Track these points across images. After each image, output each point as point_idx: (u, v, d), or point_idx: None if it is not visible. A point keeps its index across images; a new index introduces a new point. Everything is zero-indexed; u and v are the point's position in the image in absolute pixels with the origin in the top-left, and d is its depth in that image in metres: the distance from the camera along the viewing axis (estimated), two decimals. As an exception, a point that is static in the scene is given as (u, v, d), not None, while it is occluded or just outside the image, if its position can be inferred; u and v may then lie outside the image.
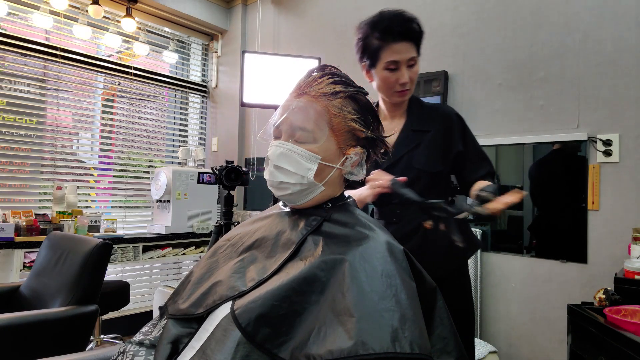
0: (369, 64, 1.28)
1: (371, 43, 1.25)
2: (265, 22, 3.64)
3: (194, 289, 0.81)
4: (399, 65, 1.22)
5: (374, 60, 1.25)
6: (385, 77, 1.25)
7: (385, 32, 1.21)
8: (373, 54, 1.24)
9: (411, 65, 1.24)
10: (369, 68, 1.29)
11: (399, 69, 1.23)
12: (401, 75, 1.23)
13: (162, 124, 3.73)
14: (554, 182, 2.21)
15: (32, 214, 2.61)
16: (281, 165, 0.80)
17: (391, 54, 1.21)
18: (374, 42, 1.24)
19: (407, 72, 1.23)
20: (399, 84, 1.24)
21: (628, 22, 1.98)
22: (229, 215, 2.34)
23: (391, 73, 1.23)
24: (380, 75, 1.26)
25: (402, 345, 0.61)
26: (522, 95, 2.24)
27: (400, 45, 1.21)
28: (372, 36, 1.24)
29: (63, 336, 1.58)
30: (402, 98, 1.29)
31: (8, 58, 2.77)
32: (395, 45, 1.21)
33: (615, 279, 1.46)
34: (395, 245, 0.75)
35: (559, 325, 2.02)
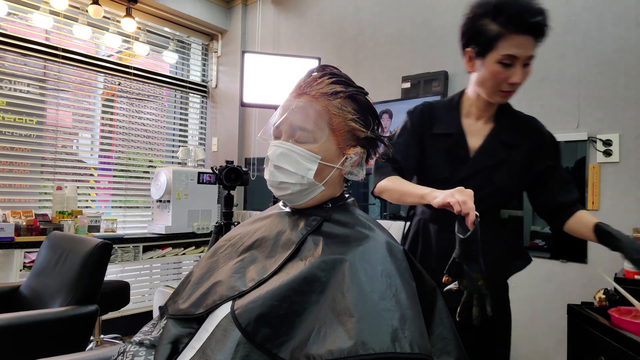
0: (477, 52, 1.09)
1: (488, 28, 1.05)
2: (265, 22, 3.64)
3: (194, 289, 0.81)
4: (515, 61, 1.05)
5: (487, 49, 1.06)
6: (496, 72, 1.07)
7: (512, 20, 1.01)
8: (487, 42, 1.05)
9: (527, 65, 1.07)
10: (475, 56, 1.10)
11: (514, 65, 1.05)
12: (514, 74, 1.06)
13: (162, 124, 3.73)
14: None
15: (32, 214, 2.61)
16: (281, 165, 0.80)
17: (511, 46, 1.03)
18: (492, 27, 1.04)
19: (521, 72, 1.06)
20: (508, 82, 1.07)
21: (628, 22, 1.98)
22: (229, 215, 2.34)
23: (504, 68, 1.06)
24: (489, 69, 1.07)
25: (402, 345, 0.61)
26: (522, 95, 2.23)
27: (525, 39, 1.03)
28: (492, 20, 1.04)
29: (63, 336, 1.58)
30: (505, 99, 1.13)
31: (8, 58, 2.77)
32: (519, 37, 1.02)
33: (615, 279, 1.46)
34: (395, 245, 0.75)
35: (559, 325, 2.02)
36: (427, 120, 1.22)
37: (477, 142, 1.17)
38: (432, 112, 1.23)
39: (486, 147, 1.16)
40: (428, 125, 1.21)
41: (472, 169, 1.15)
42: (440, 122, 1.21)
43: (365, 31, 2.96)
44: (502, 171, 1.15)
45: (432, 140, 1.20)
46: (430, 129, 1.21)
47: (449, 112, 1.21)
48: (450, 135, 1.18)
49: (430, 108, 1.24)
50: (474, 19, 1.08)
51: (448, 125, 1.19)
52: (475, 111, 1.19)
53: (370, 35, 2.94)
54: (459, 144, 1.18)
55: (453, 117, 1.20)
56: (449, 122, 1.20)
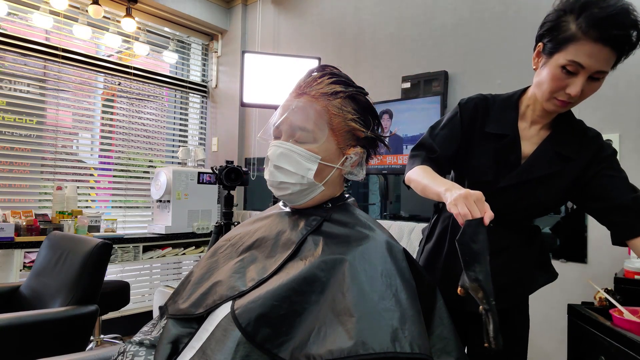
0: (547, 48, 0.95)
1: (566, 25, 0.91)
2: (265, 22, 3.64)
3: (194, 289, 0.81)
4: (580, 70, 0.90)
5: (557, 47, 0.92)
6: (555, 76, 0.93)
7: (592, 25, 0.86)
8: (560, 40, 0.91)
9: (596, 79, 0.93)
10: (543, 52, 0.97)
11: (577, 74, 0.91)
12: (574, 84, 0.92)
13: (162, 124, 3.73)
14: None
15: (32, 214, 2.61)
16: (281, 165, 0.80)
17: (580, 53, 0.88)
18: (570, 26, 0.90)
19: (584, 84, 0.92)
20: (565, 92, 0.94)
21: (628, 22, 1.98)
22: (229, 215, 2.34)
23: (565, 75, 0.92)
24: (550, 71, 0.94)
25: (402, 345, 0.61)
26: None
27: (600, 50, 0.87)
28: (574, 17, 0.90)
29: (63, 336, 1.58)
30: (559, 109, 0.99)
31: (8, 58, 2.77)
32: (594, 46, 0.87)
33: (615, 279, 1.46)
34: (394, 245, 0.75)
35: (559, 325, 2.01)
36: (480, 116, 1.10)
37: (530, 149, 1.05)
38: (487, 108, 1.10)
39: (539, 157, 1.04)
40: (481, 122, 1.09)
41: (519, 177, 1.04)
42: (494, 120, 1.08)
43: (365, 31, 2.96)
44: (550, 186, 1.04)
45: (482, 139, 1.09)
46: (483, 127, 1.09)
47: (506, 111, 1.09)
48: (504, 137, 1.06)
49: (486, 103, 1.11)
50: (560, 12, 0.93)
51: (503, 126, 1.07)
52: (531, 114, 1.06)
53: (370, 35, 2.94)
54: (512, 148, 1.05)
55: (509, 117, 1.07)
56: (504, 122, 1.07)
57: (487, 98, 1.12)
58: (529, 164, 1.04)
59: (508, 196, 1.05)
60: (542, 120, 1.06)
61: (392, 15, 2.82)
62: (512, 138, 1.06)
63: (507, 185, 1.04)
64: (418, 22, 2.70)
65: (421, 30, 2.68)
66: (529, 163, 1.04)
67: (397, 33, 2.79)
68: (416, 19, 2.70)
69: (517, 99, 1.10)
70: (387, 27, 2.84)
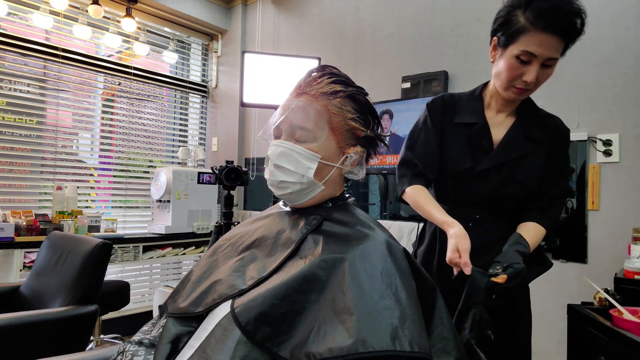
0: (501, 41, 1.05)
1: (516, 19, 1.00)
2: (265, 22, 3.64)
3: (194, 287, 0.81)
4: (533, 59, 0.99)
5: (510, 40, 1.01)
6: (510, 66, 1.02)
7: (539, 16, 0.95)
8: (512, 34, 1.00)
9: (547, 66, 1.01)
10: (498, 45, 1.06)
11: (531, 63, 1.00)
12: (529, 72, 1.00)
13: (162, 124, 3.73)
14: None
15: (32, 214, 2.61)
16: (281, 165, 0.80)
17: (531, 43, 0.97)
18: (519, 19, 0.99)
19: (538, 72, 1.00)
20: (521, 79, 1.03)
21: (628, 22, 1.98)
22: (229, 215, 2.34)
23: (520, 64, 1.01)
24: (506, 61, 1.03)
25: (401, 344, 0.61)
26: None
27: (548, 38, 0.96)
28: (521, 11, 0.99)
29: (63, 336, 1.58)
30: (518, 97, 1.08)
31: (8, 58, 2.77)
32: (542, 35, 0.96)
33: (615, 279, 1.46)
34: (394, 245, 0.75)
35: (559, 325, 2.01)
36: (448, 110, 1.18)
37: (500, 135, 1.13)
38: (453, 101, 1.19)
39: (509, 140, 1.12)
40: (450, 115, 1.18)
41: (495, 160, 1.11)
42: (463, 111, 1.17)
43: (365, 31, 2.96)
44: (525, 167, 1.11)
45: (453, 130, 1.17)
46: (452, 119, 1.17)
47: (472, 103, 1.18)
48: (473, 125, 1.15)
49: (452, 98, 1.20)
50: (510, 8, 1.02)
51: (471, 115, 1.16)
52: (495, 104, 1.16)
53: (370, 35, 2.94)
54: (483, 134, 1.14)
55: (476, 108, 1.17)
56: (472, 112, 1.16)
57: (453, 94, 1.22)
58: (502, 147, 1.12)
59: (488, 181, 1.12)
60: (506, 109, 1.15)
61: (392, 15, 2.82)
62: (482, 125, 1.14)
63: (484, 168, 1.11)
64: (418, 22, 2.70)
65: (421, 30, 2.68)
66: (502, 146, 1.12)
67: (397, 33, 2.79)
68: (416, 19, 2.70)
69: (480, 92, 1.19)
70: (387, 27, 2.84)
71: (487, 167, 1.11)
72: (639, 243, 1.60)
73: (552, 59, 1.00)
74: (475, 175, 1.12)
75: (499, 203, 1.14)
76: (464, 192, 1.15)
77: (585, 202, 2.05)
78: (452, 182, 1.17)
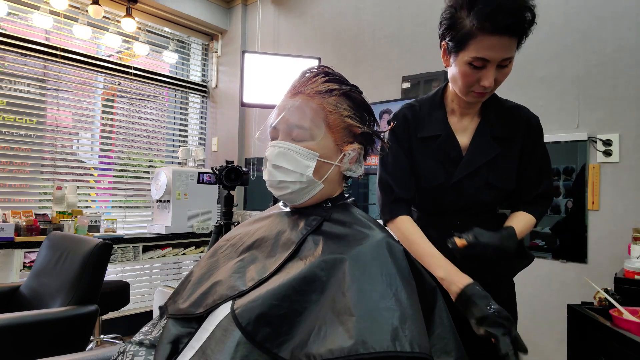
0: (450, 47, 0.98)
1: (461, 23, 0.93)
2: (265, 22, 3.64)
3: (194, 288, 0.81)
4: (487, 64, 0.93)
5: (459, 46, 0.95)
6: (465, 73, 0.96)
7: (484, 19, 0.88)
8: (459, 39, 0.94)
9: (504, 66, 0.95)
10: (449, 52, 1.00)
11: (485, 67, 0.94)
12: (485, 76, 0.94)
13: (162, 124, 3.73)
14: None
15: (32, 214, 2.61)
16: (280, 164, 0.80)
17: (481, 48, 0.91)
18: (465, 23, 0.92)
19: (495, 73, 0.95)
20: (479, 84, 0.97)
21: (628, 22, 1.98)
22: (229, 215, 2.34)
23: (474, 70, 0.95)
24: (459, 69, 0.97)
25: (402, 344, 0.61)
26: (522, 95, 2.24)
27: (498, 41, 0.90)
28: (465, 15, 0.92)
29: (63, 336, 1.58)
30: (479, 99, 1.03)
31: (8, 58, 2.77)
32: (492, 38, 0.89)
33: (615, 279, 1.46)
34: (394, 245, 0.75)
35: (559, 325, 2.01)
36: (412, 124, 1.12)
37: (468, 140, 1.08)
38: (415, 115, 1.13)
39: (477, 145, 1.07)
40: (414, 129, 1.12)
41: (465, 169, 1.07)
42: (425, 124, 1.11)
43: (365, 31, 2.96)
44: (498, 169, 1.07)
45: (419, 144, 1.12)
46: (416, 133, 1.12)
47: (433, 112, 1.12)
48: (438, 137, 1.10)
49: (412, 111, 1.14)
50: (451, 10, 0.96)
51: (434, 126, 1.10)
52: (457, 108, 1.10)
53: (370, 35, 2.94)
54: (450, 144, 1.09)
55: (438, 117, 1.11)
56: (435, 123, 1.10)
57: (412, 105, 1.15)
58: (470, 155, 1.07)
59: (464, 189, 1.08)
60: (470, 111, 1.09)
61: (392, 15, 2.82)
62: (446, 135, 1.09)
63: (458, 179, 1.07)
64: (418, 22, 2.70)
65: (421, 30, 2.68)
66: (470, 153, 1.07)
67: (397, 33, 2.79)
68: (416, 19, 2.70)
69: (440, 97, 1.13)
70: (387, 27, 2.84)
71: (460, 178, 1.07)
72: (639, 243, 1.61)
73: (507, 59, 0.94)
74: (450, 187, 1.09)
75: (478, 208, 1.12)
76: (441, 203, 1.13)
77: (585, 202, 2.05)
78: (427, 195, 1.14)
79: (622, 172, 1.97)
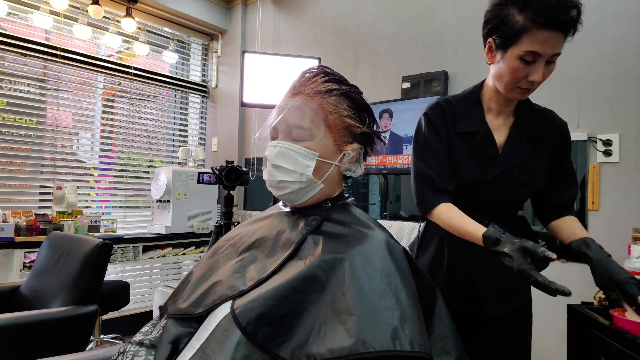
0: (498, 43, 1.00)
1: (512, 19, 0.95)
2: (265, 22, 3.64)
3: (194, 288, 0.81)
4: (538, 58, 0.95)
5: (509, 42, 0.97)
6: (515, 68, 0.98)
7: (540, 14, 0.91)
8: (511, 35, 0.96)
9: (551, 62, 0.98)
10: (496, 47, 1.01)
11: (535, 62, 0.96)
12: (535, 71, 0.96)
13: (162, 124, 3.73)
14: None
15: (32, 214, 2.61)
16: (279, 164, 0.80)
17: (535, 43, 0.93)
18: (517, 19, 0.94)
19: (543, 69, 0.97)
20: (527, 80, 0.98)
21: (628, 22, 1.98)
22: (229, 215, 2.34)
23: (524, 65, 0.96)
24: (509, 64, 0.98)
25: (402, 344, 0.61)
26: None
27: (551, 35, 0.92)
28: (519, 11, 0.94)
29: (63, 336, 1.58)
30: (523, 96, 1.05)
31: (8, 58, 2.77)
32: (546, 33, 0.92)
33: (615, 279, 1.46)
34: (394, 245, 0.75)
35: (558, 325, 2.01)
36: (449, 117, 1.12)
37: (502, 138, 1.10)
38: (452, 108, 1.13)
39: (512, 143, 1.09)
40: (451, 123, 1.12)
41: (501, 167, 1.08)
42: (463, 119, 1.12)
43: (365, 31, 2.96)
44: (530, 169, 1.09)
45: (457, 139, 1.12)
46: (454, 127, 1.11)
47: (471, 108, 1.13)
48: (477, 133, 1.10)
49: (449, 105, 1.14)
50: (501, 6, 0.98)
51: (472, 122, 1.11)
52: (495, 106, 1.11)
53: (370, 35, 2.94)
54: (487, 141, 1.10)
55: (476, 113, 1.12)
56: (472, 119, 1.11)
57: (449, 100, 1.15)
58: (507, 152, 1.08)
59: (498, 187, 1.09)
60: (506, 110, 1.11)
61: (392, 15, 2.82)
62: (484, 132, 1.10)
63: (494, 176, 1.08)
64: (418, 22, 2.70)
65: (421, 30, 2.68)
66: (507, 151, 1.09)
67: (397, 33, 2.79)
68: (416, 19, 2.70)
69: (478, 94, 1.14)
70: (387, 27, 2.84)
71: (496, 175, 1.08)
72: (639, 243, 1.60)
73: (556, 55, 0.96)
74: (484, 183, 1.09)
75: (506, 207, 1.14)
76: (472, 200, 1.12)
77: (585, 202, 2.05)
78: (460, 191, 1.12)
79: (622, 172, 1.97)
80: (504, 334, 1.14)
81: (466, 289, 1.11)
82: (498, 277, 1.06)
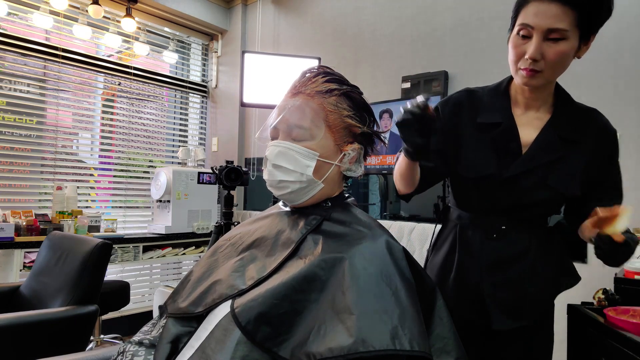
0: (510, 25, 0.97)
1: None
2: (265, 22, 3.64)
3: (194, 287, 0.81)
4: (532, 32, 0.89)
5: (513, 20, 0.94)
6: (514, 45, 0.94)
7: None
8: (515, 12, 0.94)
9: (554, 39, 0.89)
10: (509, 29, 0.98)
11: (531, 37, 0.90)
12: (528, 47, 0.90)
13: (162, 124, 3.73)
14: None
15: (32, 214, 2.61)
16: (280, 164, 0.80)
17: (528, 15, 0.89)
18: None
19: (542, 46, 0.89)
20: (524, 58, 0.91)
21: (628, 22, 1.98)
22: (229, 215, 2.34)
23: (521, 40, 0.91)
24: (511, 42, 0.95)
25: (401, 343, 0.61)
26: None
27: (547, 8, 0.86)
28: None
29: (63, 336, 1.58)
30: (527, 80, 0.95)
31: (8, 58, 2.77)
32: (541, 5, 0.87)
33: (615, 279, 1.46)
34: (394, 244, 0.75)
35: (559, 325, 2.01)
36: (466, 109, 1.05)
37: (531, 136, 1.00)
38: (473, 100, 1.06)
39: (542, 141, 0.98)
40: (467, 114, 1.05)
41: (524, 166, 0.98)
42: (486, 109, 1.04)
43: (365, 31, 2.96)
44: (560, 172, 0.98)
45: (474, 130, 1.04)
46: (473, 118, 1.04)
47: (496, 99, 1.05)
48: (498, 125, 1.01)
49: (470, 95, 1.07)
50: None
51: (495, 113, 1.02)
52: (521, 99, 1.02)
53: (370, 35, 2.94)
54: (510, 135, 1.00)
55: (501, 105, 1.03)
56: (496, 110, 1.03)
57: (474, 91, 1.09)
58: (533, 151, 0.98)
59: (516, 188, 0.99)
60: (535, 104, 1.02)
61: (392, 15, 2.82)
62: (508, 125, 1.01)
63: (512, 175, 0.98)
64: (418, 22, 2.70)
65: (421, 30, 2.68)
66: (533, 149, 0.98)
67: (397, 33, 2.79)
68: (416, 19, 2.70)
69: (506, 85, 1.07)
70: (387, 27, 2.84)
71: (515, 174, 0.98)
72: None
73: (555, 30, 0.88)
74: (502, 181, 1.00)
75: (526, 211, 1.02)
76: (488, 199, 1.03)
77: (585, 202, 2.04)
78: (474, 188, 1.04)
79: (622, 172, 1.96)
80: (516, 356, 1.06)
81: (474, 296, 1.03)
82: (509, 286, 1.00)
